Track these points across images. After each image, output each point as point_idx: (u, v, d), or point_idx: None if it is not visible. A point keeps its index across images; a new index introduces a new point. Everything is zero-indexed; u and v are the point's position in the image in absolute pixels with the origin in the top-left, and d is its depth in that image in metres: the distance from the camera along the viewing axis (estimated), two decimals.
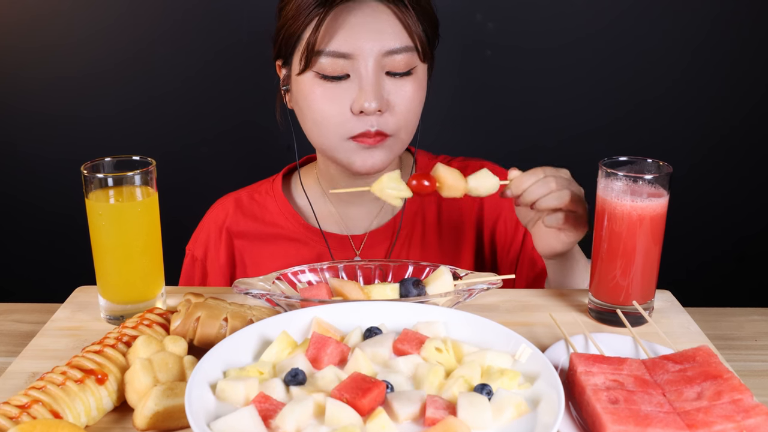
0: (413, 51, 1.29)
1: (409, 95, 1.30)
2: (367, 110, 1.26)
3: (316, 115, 1.30)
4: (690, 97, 2.36)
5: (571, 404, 0.91)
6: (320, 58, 1.26)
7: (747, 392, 0.85)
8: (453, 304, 1.10)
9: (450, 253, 1.49)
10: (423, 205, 1.50)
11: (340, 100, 1.27)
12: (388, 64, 1.27)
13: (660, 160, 1.12)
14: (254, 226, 1.49)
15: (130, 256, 1.13)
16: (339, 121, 1.28)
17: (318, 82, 1.28)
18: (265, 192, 1.52)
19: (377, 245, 1.47)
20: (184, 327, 1.02)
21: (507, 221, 1.49)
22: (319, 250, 1.46)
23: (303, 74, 1.29)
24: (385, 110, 1.28)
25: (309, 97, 1.29)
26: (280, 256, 1.46)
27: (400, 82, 1.29)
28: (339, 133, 1.29)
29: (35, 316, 1.28)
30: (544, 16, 2.30)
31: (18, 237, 2.47)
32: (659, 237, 1.12)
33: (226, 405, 0.83)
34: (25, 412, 0.84)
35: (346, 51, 1.25)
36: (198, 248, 1.51)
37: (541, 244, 1.26)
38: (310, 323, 0.98)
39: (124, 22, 2.28)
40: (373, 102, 1.25)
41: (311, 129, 1.34)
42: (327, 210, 1.49)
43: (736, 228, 2.48)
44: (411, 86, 1.30)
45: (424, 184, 1.17)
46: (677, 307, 1.22)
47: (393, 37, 1.26)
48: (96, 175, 1.11)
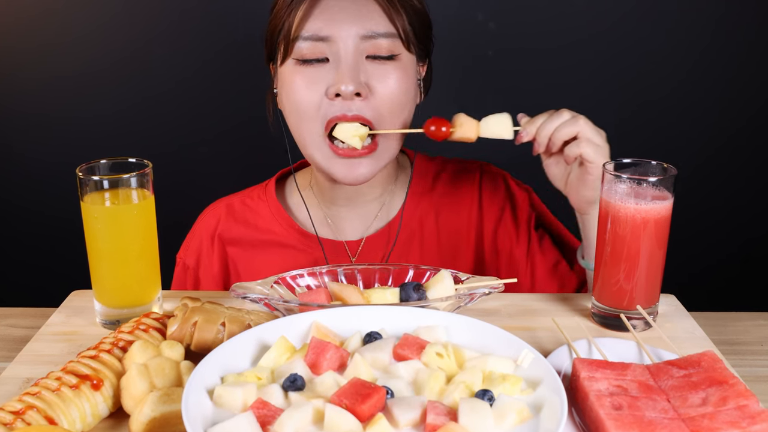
0: (396, 37, 1.28)
1: (390, 80, 1.28)
2: (344, 93, 1.24)
3: (294, 102, 1.29)
4: (695, 98, 2.36)
5: (574, 410, 0.91)
6: (298, 43, 1.26)
7: (753, 398, 0.85)
8: (454, 309, 1.10)
9: (449, 258, 1.47)
10: (421, 210, 1.47)
11: (317, 85, 1.27)
12: (370, 48, 1.27)
13: (664, 162, 1.11)
14: (247, 233, 1.47)
15: (126, 260, 1.13)
16: (316, 107, 1.27)
17: (297, 69, 1.28)
18: (257, 197, 1.50)
19: (373, 251, 1.45)
20: (180, 332, 1.01)
21: (509, 223, 1.48)
22: (315, 257, 1.44)
23: (284, 64, 1.30)
24: (366, 95, 1.27)
25: (288, 85, 1.29)
26: (275, 263, 1.44)
27: (382, 66, 1.28)
28: (315, 127, 1.28)
29: (30, 320, 1.27)
30: (546, 17, 2.30)
31: (13, 240, 2.46)
32: (663, 240, 1.11)
33: (223, 411, 0.82)
34: (19, 418, 0.83)
35: (325, 34, 1.25)
36: (190, 256, 1.48)
37: (575, 196, 1.27)
38: (308, 328, 0.98)
39: (121, 20, 2.28)
40: (350, 85, 1.24)
41: (293, 124, 1.33)
42: (322, 214, 1.47)
43: (741, 231, 2.47)
44: (394, 71, 1.28)
45: (441, 130, 1.23)
46: (682, 311, 1.21)
47: (374, 22, 1.27)
48: (91, 177, 1.10)
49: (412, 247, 1.46)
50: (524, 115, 1.23)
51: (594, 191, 1.23)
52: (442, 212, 1.48)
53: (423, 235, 1.46)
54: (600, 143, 1.20)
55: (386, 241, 1.45)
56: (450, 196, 1.48)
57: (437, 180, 1.49)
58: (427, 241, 1.46)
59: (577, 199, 1.27)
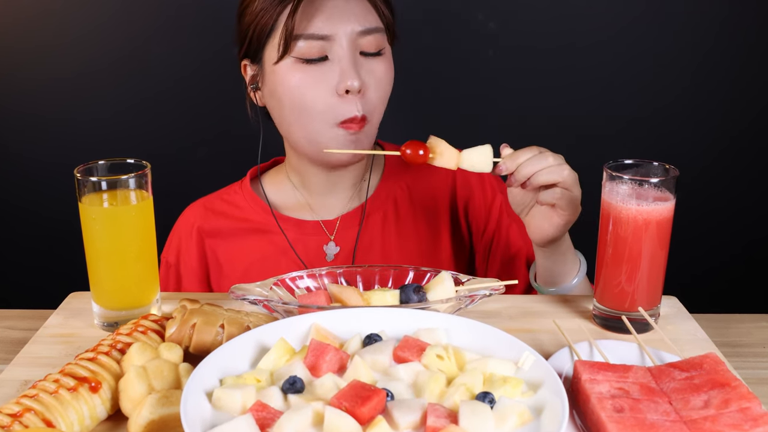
0: (383, 32, 1.34)
1: (381, 73, 1.34)
2: (352, 89, 1.29)
3: (299, 100, 1.32)
4: (700, 100, 2.35)
5: (575, 413, 0.90)
6: (299, 42, 1.29)
7: (755, 401, 0.85)
8: (454, 311, 1.09)
9: (426, 234, 1.50)
10: (393, 187, 1.52)
11: (323, 84, 1.30)
12: (362, 44, 1.32)
13: (666, 163, 1.10)
14: (225, 223, 1.50)
15: (124, 262, 1.12)
16: (325, 106, 1.31)
17: (298, 67, 1.31)
18: (233, 192, 1.54)
19: (349, 228, 1.49)
20: (179, 334, 1.01)
21: (479, 200, 1.52)
22: (292, 237, 1.47)
23: (281, 62, 1.31)
24: (364, 90, 1.32)
25: (290, 84, 1.32)
26: (253, 249, 1.47)
27: (372, 62, 1.33)
28: (326, 119, 1.32)
29: (27, 322, 1.26)
30: (547, 17, 2.30)
31: (10, 241, 2.45)
32: (665, 242, 1.11)
33: (222, 414, 0.82)
34: (17, 421, 0.83)
35: (325, 33, 1.29)
36: (170, 254, 1.51)
37: (534, 229, 1.26)
38: (308, 330, 0.97)
39: (119, 20, 2.27)
40: (356, 80, 1.29)
41: (293, 119, 1.35)
42: (303, 201, 1.51)
43: (744, 232, 2.46)
44: (382, 66, 1.34)
45: (418, 153, 1.21)
46: (684, 313, 1.21)
47: (365, 18, 1.32)
48: (89, 178, 1.09)
49: (389, 224, 1.49)
50: (507, 146, 1.22)
51: (558, 232, 1.24)
52: (416, 189, 1.52)
53: (398, 212, 1.50)
54: (577, 194, 1.21)
55: (360, 217, 1.49)
56: (424, 177, 1.53)
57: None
58: (403, 218, 1.50)
59: (539, 234, 1.26)
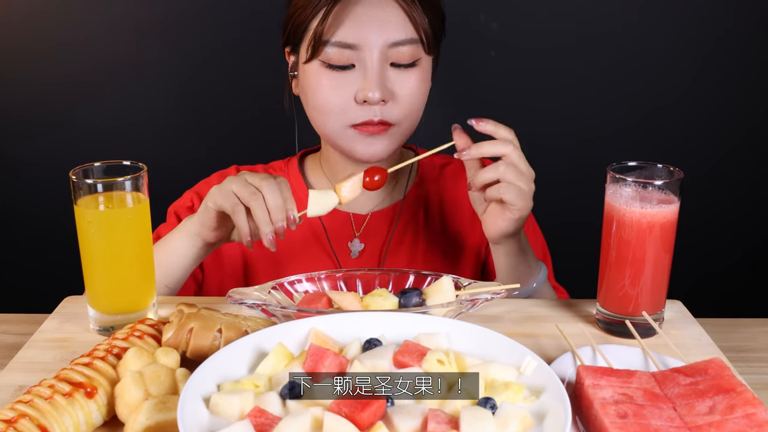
0: (418, 43, 1.33)
1: (413, 86, 1.34)
2: (370, 100, 1.30)
3: (320, 103, 1.34)
4: (703, 101, 2.36)
5: (578, 418, 0.90)
6: (326, 48, 1.30)
7: (761, 406, 0.84)
8: (455, 315, 1.09)
9: (452, 240, 1.52)
10: (426, 192, 1.54)
11: (345, 89, 1.32)
12: (393, 55, 1.31)
13: (670, 165, 1.10)
14: None
15: (120, 265, 1.11)
16: (342, 110, 1.33)
17: (324, 71, 1.32)
18: (279, 169, 1.55)
19: (376, 226, 1.50)
20: (176, 338, 1.01)
21: None
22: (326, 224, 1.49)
23: (309, 63, 1.34)
24: (389, 100, 1.32)
25: (314, 85, 1.34)
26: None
27: (404, 73, 1.33)
28: (341, 121, 1.34)
29: (22, 327, 1.26)
30: (548, 18, 2.30)
31: (4, 243, 2.45)
32: (670, 245, 1.10)
33: (220, 419, 0.82)
34: (11, 426, 0.82)
35: (353, 42, 1.30)
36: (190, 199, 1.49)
37: (489, 225, 1.26)
38: (307, 334, 0.97)
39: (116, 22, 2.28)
40: (377, 92, 1.29)
41: (314, 116, 1.38)
42: None
43: (749, 236, 2.46)
44: (415, 78, 1.34)
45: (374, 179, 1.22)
46: (688, 317, 1.20)
47: (398, 29, 1.31)
48: (85, 180, 1.09)
49: (419, 226, 1.51)
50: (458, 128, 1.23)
51: (510, 227, 1.24)
52: (447, 196, 1.54)
53: (428, 216, 1.52)
54: (524, 186, 1.20)
55: (391, 219, 1.51)
56: (456, 183, 1.55)
57: (443, 170, 1.57)
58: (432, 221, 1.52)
59: (492, 228, 1.26)
